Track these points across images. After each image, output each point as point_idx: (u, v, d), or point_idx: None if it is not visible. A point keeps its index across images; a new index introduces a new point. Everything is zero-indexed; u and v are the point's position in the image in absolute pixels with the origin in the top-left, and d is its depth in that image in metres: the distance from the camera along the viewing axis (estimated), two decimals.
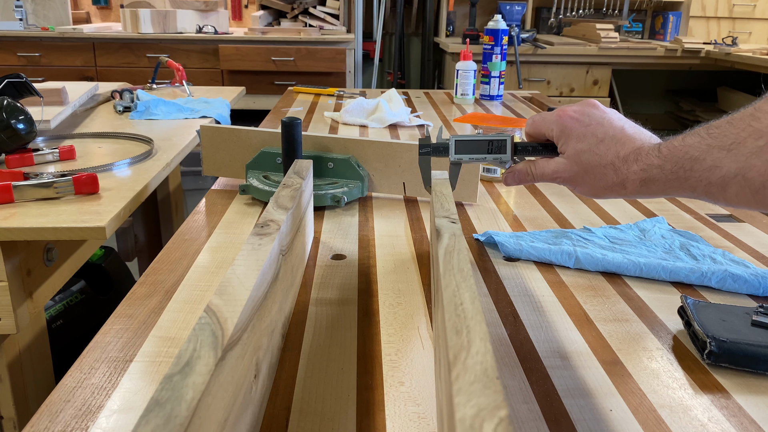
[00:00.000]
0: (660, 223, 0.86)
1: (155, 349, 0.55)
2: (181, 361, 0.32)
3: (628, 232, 0.83)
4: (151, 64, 3.33)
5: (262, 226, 0.53)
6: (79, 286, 1.41)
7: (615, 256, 0.73)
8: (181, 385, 0.30)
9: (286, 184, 0.67)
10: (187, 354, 0.33)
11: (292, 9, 3.66)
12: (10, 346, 0.95)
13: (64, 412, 0.47)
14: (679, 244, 0.78)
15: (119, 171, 1.07)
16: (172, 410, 0.28)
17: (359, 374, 0.52)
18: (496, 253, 0.78)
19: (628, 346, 0.58)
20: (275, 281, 0.50)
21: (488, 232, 0.81)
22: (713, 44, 3.35)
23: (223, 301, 0.40)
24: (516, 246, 0.76)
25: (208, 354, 0.33)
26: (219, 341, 0.35)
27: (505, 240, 0.78)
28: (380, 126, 1.49)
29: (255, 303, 0.43)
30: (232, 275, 0.43)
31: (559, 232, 0.82)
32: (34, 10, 3.45)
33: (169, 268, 0.71)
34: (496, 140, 0.66)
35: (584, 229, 0.83)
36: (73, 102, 1.45)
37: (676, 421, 0.47)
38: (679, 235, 0.82)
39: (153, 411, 0.28)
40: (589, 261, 0.73)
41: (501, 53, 1.86)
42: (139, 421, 0.28)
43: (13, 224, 0.83)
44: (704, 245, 0.78)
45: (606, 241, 0.80)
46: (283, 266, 0.55)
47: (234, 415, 0.37)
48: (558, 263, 0.74)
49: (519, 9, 3.64)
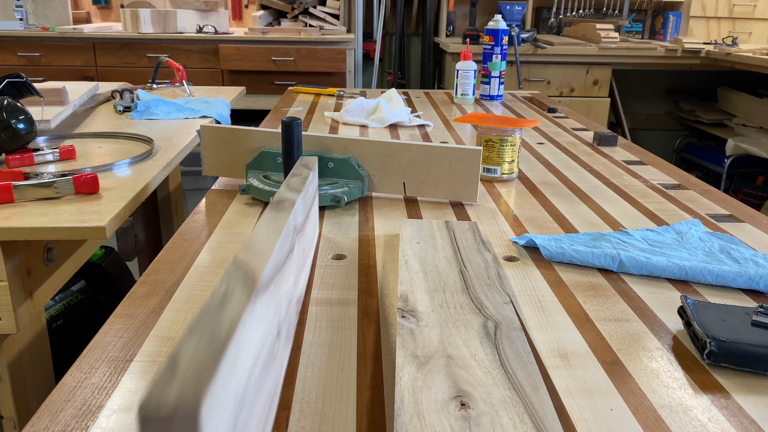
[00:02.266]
0: (695, 226, 0.84)
1: (155, 349, 0.55)
2: (217, 296, 0.34)
3: (665, 235, 0.81)
4: (151, 64, 3.33)
5: (277, 203, 0.54)
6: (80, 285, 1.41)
7: (659, 260, 0.71)
8: (219, 312, 0.33)
9: (295, 173, 0.67)
10: (222, 290, 0.35)
11: (293, 9, 3.66)
12: (10, 345, 0.95)
13: (64, 412, 0.47)
14: (719, 247, 0.77)
15: (119, 171, 1.07)
16: (213, 333, 0.30)
17: (359, 374, 0.52)
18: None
19: (628, 346, 0.58)
20: (290, 254, 0.52)
21: (527, 235, 0.80)
22: (713, 44, 3.35)
23: (249, 255, 0.42)
24: (558, 249, 0.75)
25: (241, 291, 0.35)
26: (250, 284, 0.37)
27: (546, 243, 0.76)
28: (380, 126, 1.49)
29: (277, 263, 0.44)
30: (254, 238, 0.45)
31: (596, 235, 0.81)
32: (35, 10, 3.45)
33: (169, 268, 0.71)
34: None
35: (621, 232, 0.82)
36: (74, 102, 1.45)
37: (676, 421, 0.47)
38: (717, 238, 0.80)
39: (194, 334, 0.30)
40: (634, 264, 0.72)
41: (501, 53, 1.86)
42: (181, 343, 0.29)
43: (14, 224, 0.83)
44: (744, 248, 0.76)
45: (645, 243, 0.78)
46: (296, 244, 0.56)
47: (262, 360, 0.38)
48: (601, 266, 0.73)
49: (519, 9, 3.64)
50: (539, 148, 1.34)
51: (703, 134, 3.86)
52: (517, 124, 1.07)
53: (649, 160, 1.25)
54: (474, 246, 0.73)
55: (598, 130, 1.48)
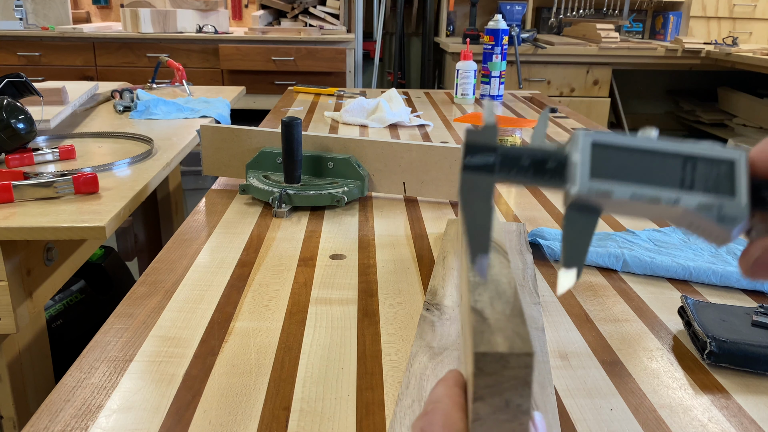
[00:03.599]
0: None
1: (155, 349, 0.55)
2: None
3: (672, 235, 0.81)
4: (151, 63, 3.33)
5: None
6: (79, 285, 1.41)
7: (663, 260, 0.72)
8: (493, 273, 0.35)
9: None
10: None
11: (292, 9, 3.66)
12: (9, 345, 0.94)
13: (63, 412, 0.47)
14: (725, 248, 0.77)
15: (119, 171, 1.07)
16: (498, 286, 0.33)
17: (359, 374, 0.52)
18: None
19: (628, 346, 0.58)
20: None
21: (532, 232, 0.80)
22: (714, 44, 3.35)
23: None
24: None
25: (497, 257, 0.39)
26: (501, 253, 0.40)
27: (550, 243, 0.77)
28: (380, 126, 1.49)
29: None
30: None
31: (603, 235, 0.81)
32: (34, 10, 3.45)
33: (169, 268, 0.71)
34: (706, 159, 0.28)
35: (628, 232, 0.82)
36: (73, 102, 1.45)
37: (676, 421, 0.47)
38: None
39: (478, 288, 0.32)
40: (637, 264, 0.72)
41: (501, 53, 1.86)
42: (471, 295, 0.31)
43: (13, 224, 0.83)
44: None
45: (651, 244, 0.78)
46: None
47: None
48: (605, 266, 0.73)
49: (519, 9, 3.64)
50: None
51: (703, 134, 3.85)
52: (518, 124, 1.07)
53: None
54: (517, 247, 0.74)
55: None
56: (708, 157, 0.28)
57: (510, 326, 0.28)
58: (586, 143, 0.28)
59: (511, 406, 0.26)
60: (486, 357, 0.26)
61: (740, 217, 0.27)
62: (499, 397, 0.26)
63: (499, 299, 0.31)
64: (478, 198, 0.28)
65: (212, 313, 0.62)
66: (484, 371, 0.26)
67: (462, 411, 0.28)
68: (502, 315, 0.29)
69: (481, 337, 0.27)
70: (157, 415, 0.47)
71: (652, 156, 0.28)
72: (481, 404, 0.26)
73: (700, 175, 0.28)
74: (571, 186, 0.28)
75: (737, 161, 0.28)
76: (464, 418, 0.28)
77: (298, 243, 0.79)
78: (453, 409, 0.28)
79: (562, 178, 0.28)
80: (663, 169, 0.28)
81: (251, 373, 0.52)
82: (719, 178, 0.27)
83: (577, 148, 0.28)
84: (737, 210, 0.27)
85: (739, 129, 3.44)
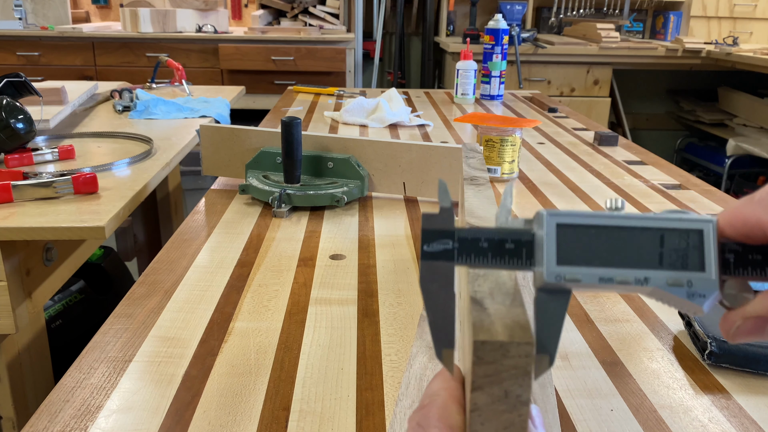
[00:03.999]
0: None
1: (154, 349, 0.55)
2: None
3: None
4: (150, 63, 3.33)
5: (471, 179, 0.56)
6: (79, 285, 1.41)
7: None
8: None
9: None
10: None
11: (292, 8, 3.66)
12: (9, 346, 0.94)
13: (63, 412, 0.47)
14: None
15: (118, 170, 1.07)
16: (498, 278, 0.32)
17: (359, 374, 0.52)
18: None
19: (629, 347, 0.58)
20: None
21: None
22: (714, 44, 3.35)
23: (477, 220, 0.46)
24: None
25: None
26: None
27: None
28: (380, 126, 1.49)
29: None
30: (470, 205, 0.48)
31: None
32: (34, 10, 3.45)
33: (169, 268, 0.71)
34: (674, 231, 0.28)
35: None
36: (73, 101, 1.45)
37: (676, 422, 0.47)
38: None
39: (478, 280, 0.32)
40: None
41: (501, 53, 1.85)
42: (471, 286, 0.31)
43: (13, 224, 0.83)
44: None
45: None
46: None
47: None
48: None
49: (519, 8, 3.64)
50: (540, 148, 1.34)
51: (703, 134, 3.85)
52: (518, 123, 1.07)
53: (649, 160, 1.25)
54: None
55: (598, 130, 1.48)
56: (676, 229, 0.28)
57: (510, 316, 0.28)
58: (551, 225, 0.28)
59: (510, 397, 0.26)
60: (485, 345, 0.25)
61: (710, 291, 0.27)
62: (498, 387, 0.26)
63: (499, 290, 0.31)
64: (440, 286, 0.28)
65: (212, 313, 0.62)
66: (483, 360, 0.26)
67: (459, 404, 0.28)
68: (503, 305, 0.29)
69: (481, 325, 0.27)
70: (156, 415, 0.47)
71: (619, 232, 0.28)
72: (480, 394, 0.26)
73: (669, 250, 0.28)
74: (537, 271, 0.28)
75: (705, 231, 0.28)
76: (461, 411, 0.28)
77: (297, 243, 0.79)
78: (450, 402, 0.28)
79: (524, 259, 0.29)
80: (630, 247, 0.28)
81: (251, 373, 0.52)
82: (688, 250, 0.28)
83: (542, 229, 0.28)
84: (707, 285, 0.27)
85: (740, 129, 3.44)
